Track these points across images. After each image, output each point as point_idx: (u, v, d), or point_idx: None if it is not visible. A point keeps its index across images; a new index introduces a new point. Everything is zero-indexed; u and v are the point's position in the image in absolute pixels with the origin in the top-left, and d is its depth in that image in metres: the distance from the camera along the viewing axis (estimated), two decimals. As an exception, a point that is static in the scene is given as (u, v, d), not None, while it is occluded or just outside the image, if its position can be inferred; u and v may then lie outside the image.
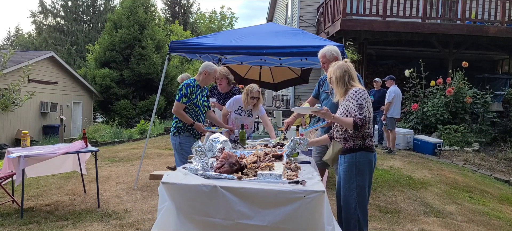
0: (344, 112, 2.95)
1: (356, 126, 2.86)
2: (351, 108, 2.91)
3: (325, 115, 2.92)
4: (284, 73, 8.71)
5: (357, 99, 2.90)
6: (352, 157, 2.94)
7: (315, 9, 14.46)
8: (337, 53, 3.79)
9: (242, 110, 4.93)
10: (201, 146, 2.67)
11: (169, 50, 5.69)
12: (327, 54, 3.77)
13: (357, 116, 2.86)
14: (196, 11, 38.04)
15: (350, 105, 2.92)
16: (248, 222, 2.13)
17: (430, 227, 4.22)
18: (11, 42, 39.89)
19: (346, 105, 2.95)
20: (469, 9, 11.86)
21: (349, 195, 2.97)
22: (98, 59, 20.03)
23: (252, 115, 4.99)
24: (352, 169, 2.94)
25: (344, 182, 3.00)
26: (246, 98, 4.84)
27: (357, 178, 2.94)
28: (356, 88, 2.96)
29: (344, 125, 2.92)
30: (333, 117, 2.92)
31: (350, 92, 2.95)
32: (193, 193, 2.18)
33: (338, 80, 3.00)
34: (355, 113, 2.87)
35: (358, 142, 2.95)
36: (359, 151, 2.94)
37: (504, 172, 7.49)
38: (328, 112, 2.89)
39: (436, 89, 10.16)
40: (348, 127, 2.90)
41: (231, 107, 4.95)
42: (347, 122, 2.88)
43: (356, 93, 2.93)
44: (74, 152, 4.71)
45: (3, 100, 10.61)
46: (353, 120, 2.85)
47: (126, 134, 13.16)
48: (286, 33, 6.40)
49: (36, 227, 3.87)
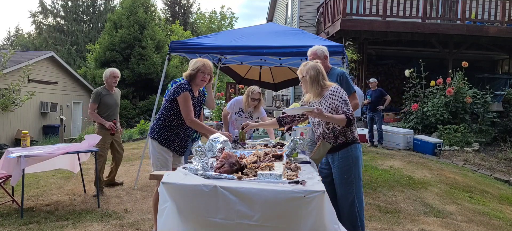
0: (330, 110, 2.97)
1: (349, 121, 2.90)
2: (337, 105, 2.95)
3: (318, 115, 2.90)
4: (284, 73, 8.70)
5: (341, 96, 2.96)
6: (347, 151, 3.02)
7: (315, 9, 14.46)
8: (327, 53, 3.84)
9: (242, 112, 4.93)
10: (201, 146, 2.66)
11: (169, 50, 5.69)
12: (318, 51, 3.81)
13: (346, 112, 2.91)
14: (196, 11, 38.11)
15: (335, 103, 2.95)
16: (248, 222, 2.13)
17: (430, 227, 4.22)
18: (11, 42, 39.86)
19: (330, 104, 2.98)
20: (469, 9, 11.87)
21: (346, 189, 3.03)
22: (98, 59, 20.03)
23: (253, 117, 4.99)
24: (349, 163, 3.02)
25: (341, 177, 3.04)
26: (247, 100, 4.84)
27: (353, 170, 3.03)
28: (335, 86, 3.03)
29: (337, 122, 2.94)
30: (326, 116, 2.92)
31: (331, 90, 2.99)
32: (193, 193, 2.17)
33: (312, 80, 3.02)
34: (344, 109, 2.92)
35: (349, 136, 3.03)
36: (352, 144, 3.03)
37: (504, 172, 7.49)
38: (321, 111, 2.87)
39: (436, 89, 10.16)
40: (341, 124, 2.93)
41: (231, 109, 4.95)
42: (340, 119, 2.91)
43: (338, 90, 2.99)
44: (74, 152, 4.71)
45: (3, 100, 10.61)
46: (346, 116, 2.90)
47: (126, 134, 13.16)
48: (286, 33, 6.40)
49: (36, 227, 3.87)
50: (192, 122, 3.46)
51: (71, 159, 5.13)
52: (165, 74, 6.12)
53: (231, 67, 8.36)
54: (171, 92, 3.48)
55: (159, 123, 3.52)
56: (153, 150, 3.51)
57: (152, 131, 3.55)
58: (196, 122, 3.48)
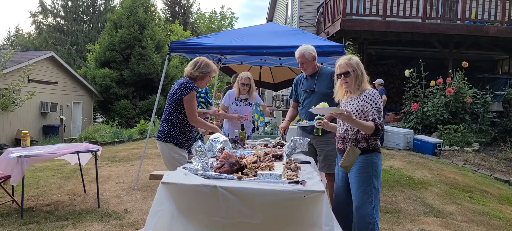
0: (359, 113, 2.81)
1: (376, 131, 2.71)
2: (368, 110, 2.76)
3: (346, 119, 2.66)
4: (284, 73, 8.72)
5: (376, 102, 2.76)
6: (367, 158, 2.81)
7: (315, 9, 14.46)
8: (315, 53, 3.79)
9: (239, 100, 4.98)
10: (201, 146, 2.67)
11: (169, 50, 5.69)
12: (306, 53, 3.75)
13: (376, 120, 2.71)
14: (196, 11, 38.07)
15: (367, 107, 2.76)
16: (248, 221, 2.13)
17: (430, 227, 4.22)
18: (11, 42, 39.86)
19: (361, 105, 2.80)
20: (469, 9, 11.87)
21: (365, 199, 2.78)
22: (98, 59, 20.02)
23: (251, 103, 5.02)
24: (369, 171, 2.79)
25: (358, 185, 2.81)
26: (237, 87, 4.91)
27: (374, 181, 2.79)
28: (373, 89, 2.84)
29: (364, 129, 2.73)
30: (355, 121, 2.68)
31: (368, 92, 2.81)
32: (193, 193, 2.18)
33: (362, 75, 2.83)
34: (374, 116, 2.72)
35: (372, 143, 2.82)
36: (373, 152, 2.82)
37: (504, 172, 7.48)
38: (350, 115, 2.64)
39: (436, 89, 10.16)
40: (367, 131, 2.73)
41: (227, 102, 4.99)
42: (368, 127, 2.70)
43: (374, 95, 2.79)
44: (73, 152, 4.71)
45: (3, 100, 10.61)
46: (375, 125, 2.70)
47: (126, 134, 13.16)
48: (286, 33, 6.41)
49: (36, 227, 3.87)
50: (197, 122, 3.51)
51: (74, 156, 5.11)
52: (165, 74, 6.13)
53: (231, 67, 8.37)
54: (177, 91, 3.45)
55: (172, 125, 3.49)
56: (170, 153, 3.47)
57: (166, 135, 3.48)
58: (200, 121, 3.55)
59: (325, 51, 5.33)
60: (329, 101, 3.32)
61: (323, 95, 3.70)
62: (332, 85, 3.75)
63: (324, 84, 3.78)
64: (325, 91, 3.74)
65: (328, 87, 3.73)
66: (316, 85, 3.80)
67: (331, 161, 3.77)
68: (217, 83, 14.95)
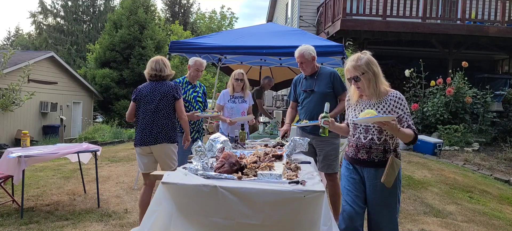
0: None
1: (415, 139, 2.43)
2: (402, 116, 2.45)
3: (392, 129, 2.35)
4: (284, 73, 8.72)
5: (407, 107, 2.48)
6: None
7: (315, 9, 14.46)
8: (314, 53, 3.78)
9: (233, 97, 4.99)
10: (201, 146, 2.66)
11: (169, 50, 5.70)
12: (305, 53, 3.73)
13: (412, 126, 2.43)
14: (196, 11, 38.08)
15: (400, 113, 2.46)
16: (248, 222, 2.13)
17: (430, 227, 4.22)
18: (11, 42, 39.86)
19: (387, 111, 2.48)
20: (469, 9, 11.87)
21: (388, 214, 2.55)
22: (98, 59, 20.02)
23: (246, 101, 5.03)
24: (395, 183, 2.52)
25: (382, 198, 2.54)
26: (231, 83, 4.97)
27: (398, 192, 2.57)
28: (397, 92, 2.52)
29: (405, 138, 2.42)
30: (400, 131, 2.37)
31: (394, 96, 2.49)
32: (193, 193, 2.17)
33: (376, 77, 2.49)
34: (409, 123, 2.44)
35: (399, 152, 2.56)
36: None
37: (504, 172, 7.48)
38: (395, 124, 2.34)
39: (436, 89, 10.15)
40: (407, 140, 2.43)
41: (223, 101, 4.99)
42: (409, 135, 2.41)
43: (403, 99, 2.48)
44: (73, 152, 4.71)
45: (3, 100, 10.60)
46: (414, 133, 2.42)
47: (126, 134, 13.15)
48: (286, 33, 6.42)
49: (36, 227, 3.87)
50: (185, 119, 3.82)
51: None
52: (165, 74, 6.13)
53: (231, 67, 8.37)
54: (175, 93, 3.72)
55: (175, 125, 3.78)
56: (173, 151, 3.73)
57: (172, 135, 3.70)
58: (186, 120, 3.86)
59: (325, 51, 5.34)
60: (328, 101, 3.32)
61: (323, 95, 3.70)
62: (331, 85, 3.76)
63: (323, 84, 3.77)
64: (324, 91, 3.74)
65: (328, 87, 3.73)
66: (316, 85, 3.80)
67: (331, 161, 3.76)
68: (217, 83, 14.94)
